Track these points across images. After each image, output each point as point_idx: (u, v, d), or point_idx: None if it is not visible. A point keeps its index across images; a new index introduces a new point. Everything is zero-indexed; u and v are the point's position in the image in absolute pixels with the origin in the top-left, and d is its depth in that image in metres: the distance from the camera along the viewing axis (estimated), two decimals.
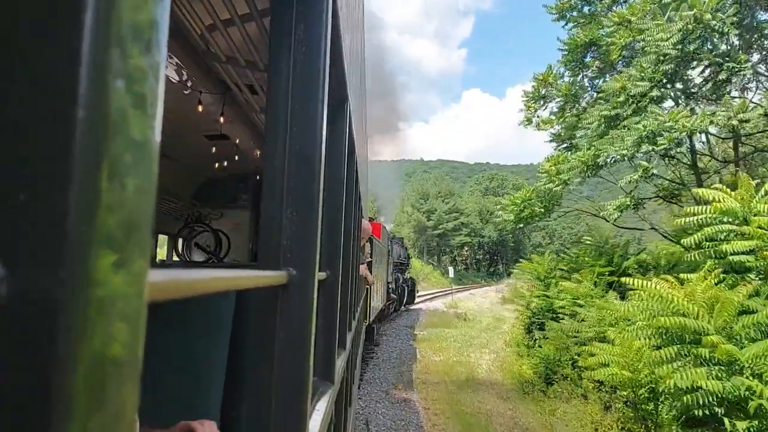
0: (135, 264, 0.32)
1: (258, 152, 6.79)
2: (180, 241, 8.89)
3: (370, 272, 11.68)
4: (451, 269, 38.75)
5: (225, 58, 4.03)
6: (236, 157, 6.92)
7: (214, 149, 6.52)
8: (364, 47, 3.54)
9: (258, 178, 8.11)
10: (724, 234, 8.92)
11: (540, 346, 14.88)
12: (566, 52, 17.54)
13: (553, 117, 18.18)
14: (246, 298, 1.14)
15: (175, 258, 8.95)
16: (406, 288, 27.76)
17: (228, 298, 1.74)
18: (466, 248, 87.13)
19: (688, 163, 15.63)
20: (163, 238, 9.85)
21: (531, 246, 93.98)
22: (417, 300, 35.07)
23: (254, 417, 1.13)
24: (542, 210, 17.13)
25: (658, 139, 11.83)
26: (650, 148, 12.04)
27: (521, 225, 18.35)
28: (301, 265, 1.15)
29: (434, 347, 19.19)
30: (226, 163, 7.31)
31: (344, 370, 2.73)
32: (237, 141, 6.26)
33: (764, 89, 14.26)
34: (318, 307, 1.80)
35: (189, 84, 4.64)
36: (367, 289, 11.65)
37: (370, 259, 9.16)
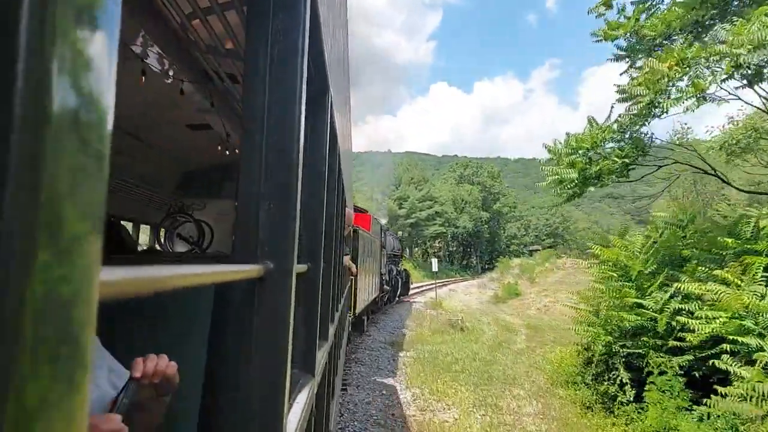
0: (84, 261, 0.31)
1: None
2: (162, 231, 8.81)
3: (356, 263, 11.69)
4: (435, 261, 33.61)
5: (206, 47, 3.98)
6: (219, 147, 6.86)
7: (196, 138, 6.45)
8: (347, 39, 3.51)
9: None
10: None
11: (639, 402, 9.25)
12: None
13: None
14: (224, 292, 1.13)
15: (158, 248, 8.87)
16: (400, 280, 27.78)
17: (206, 292, 1.73)
18: (439, 240, 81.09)
19: None
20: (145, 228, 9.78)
21: (506, 238, 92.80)
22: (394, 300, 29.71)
23: (231, 410, 1.12)
24: (623, 162, 11.12)
25: None
26: None
27: (581, 193, 12.06)
28: (278, 258, 1.14)
29: (434, 388, 11.25)
30: (209, 153, 7.24)
31: (326, 362, 2.73)
32: (220, 130, 6.20)
33: None
34: (298, 299, 1.79)
35: (171, 73, 4.58)
36: (354, 280, 11.65)
37: (348, 254, 9.15)
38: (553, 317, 25.56)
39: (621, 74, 12.08)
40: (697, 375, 8.73)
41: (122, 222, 7.54)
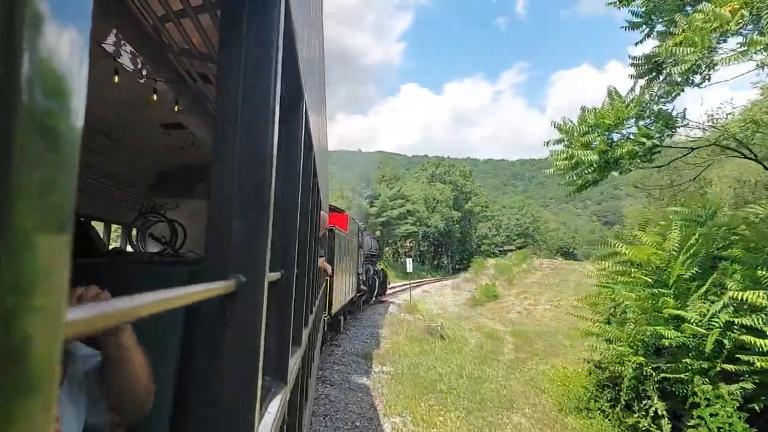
0: (49, 303, 0.30)
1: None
2: (134, 231, 8.68)
3: (332, 264, 11.65)
4: (409, 261, 32.03)
5: (179, 49, 3.93)
6: (192, 146, 6.78)
7: (169, 138, 6.37)
8: (323, 43, 3.50)
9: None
10: None
11: None
12: None
13: None
14: (195, 309, 1.12)
15: (129, 249, 8.73)
16: (377, 279, 27.61)
17: (177, 310, 1.70)
18: (410, 239, 77.67)
19: None
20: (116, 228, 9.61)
21: (477, 238, 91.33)
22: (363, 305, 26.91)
23: (201, 423, 1.11)
24: (652, 144, 9.38)
25: None
26: None
27: (600, 179, 10.62)
28: (250, 270, 1.13)
29: (418, 414, 9.46)
30: (181, 152, 7.16)
31: (299, 368, 2.72)
32: (193, 130, 6.13)
33: None
34: (271, 307, 1.78)
35: (144, 72, 4.52)
36: (330, 281, 11.62)
37: (323, 255, 9.08)
38: (536, 322, 25.13)
39: (636, 44, 10.53)
40: (757, 408, 7.13)
41: (93, 222, 7.40)
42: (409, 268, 31.81)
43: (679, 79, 8.57)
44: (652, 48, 9.85)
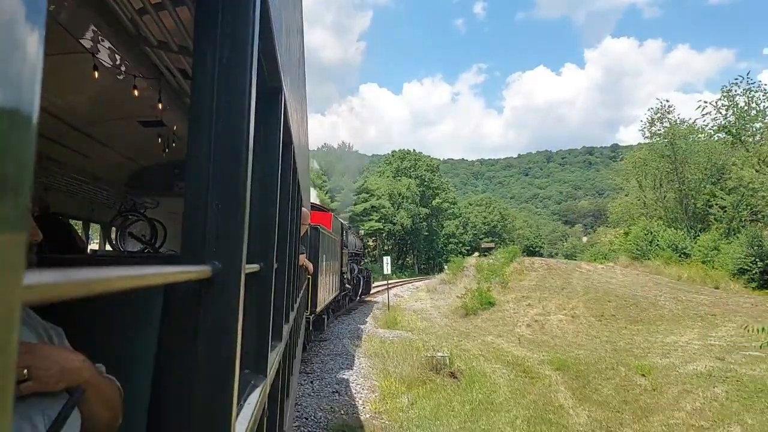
0: (5, 263, 0.30)
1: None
2: (113, 230, 8.58)
3: (315, 262, 11.63)
4: (387, 260, 27.07)
5: (157, 43, 3.90)
6: (173, 144, 6.73)
7: (149, 135, 6.31)
8: (303, 36, 3.49)
9: None
10: None
11: None
12: None
13: None
14: (172, 293, 1.12)
15: (108, 248, 8.63)
16: (362, 279, 27.60)
17: (155, 294, 1.70)
18: (374, 237, 70.94)
19: None
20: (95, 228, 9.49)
21: (444, 236, 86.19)
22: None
23: (178, 413, 1.11)
24: None
25: None
26: None
27: None
28: (226, 258, 1.14)
29: None
30: (161, 150, 7.10)
31: (280, 362, 2.72)
32: (173, 127, 6.09)
33: None
34: (250, 299, 1.78)
35: (123, 69, 4.47)
36: (312, 279, 11.60)
37: (304, 252, 9.04)
38: (560, 339, 19.67)
39: None
40: None
41: (72, 221, 7.30)
42: (387, 269, 27.47)
43: None
44: None
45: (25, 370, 1.12)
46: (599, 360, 15.34)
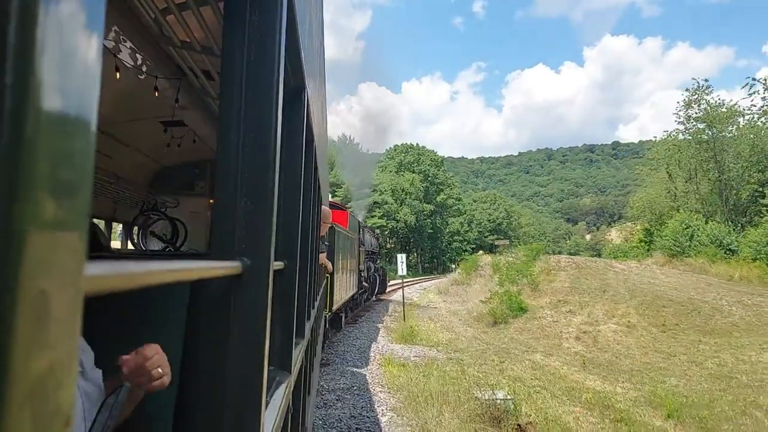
0: (70, 259, 0.31)
1: (216, 139, 6.69)
2: (135, 229, 8.69)
3: (333, 260, 11.66)
4: (401, 259, 22.29)
5: (180, 43, 3.94)
6: (193, 143, 6.79)
7: (170, 135, 6.38)
8: (323, 33, 3.50)
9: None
10: None
11: None
12: None
13: None
14: (200, 289, 1.13)
15: (131, 247, 8.75)
16: (378, 277, 27.66)
17: (181, 290, 1.71)
18: (376, 233, 62.83)
19: None
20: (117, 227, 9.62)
21: (449, 234, 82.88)
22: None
23: (208, 409, 1.12)
24: None
25: None
26: None
27: None
28: (255, 255, 1.15)
29: None
30: (182, 150, 7.17)
31: (303, 359, 2.73)
32: (194, 127, 6.14)
33: None
34: (275, 297, 1.79)
35: (144, 69, 4.52)
36: (330, 278, 11.63)
37: (324, 251, 9.03)
38: (623, 356, 16.44)
39: None
40: None
41: (95, 220, 7.41)
42: (402, 269, 22.36)
43: None
44: None
45: (159, 368, 1.34)
46: (710, 396, 11.72)
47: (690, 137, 39.87)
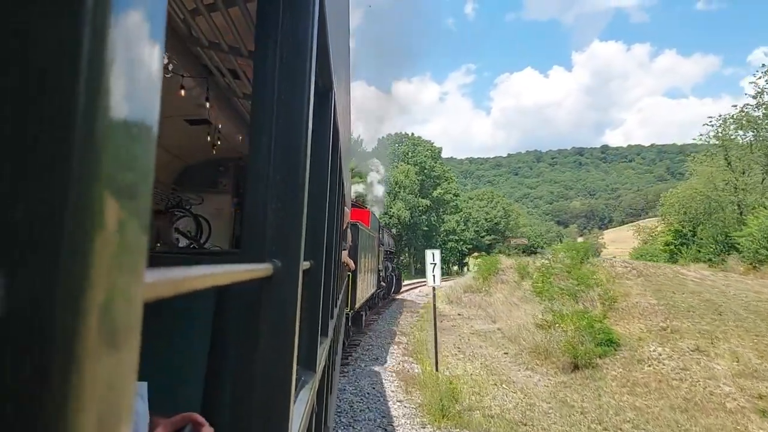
0: (132, 265, 0.31)
1: (240, 137, 6.74)
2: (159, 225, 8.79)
3: (356, 259, 11.69)
4: (432, 258, 13.15)
5: (208, 43, 3.97)
6: (218, 142, 6.85)
7: (195, 133, 6.44)
8: (348, 33, 3.51)
9: (240, 163, 8.10)
10: None
11: None
12: None
13: None
14: (230, 290, 1.14)
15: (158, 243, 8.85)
16: (394, 277, 28.06)
17: (207, 290, 1.73)
18: (393, 233, 57.48)
19: None
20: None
21: (444, 232, 76.94)
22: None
23: (237, 409, 1.13)
24: None
25: None
26: None
27: None
28: (285, 256, 1.15)
29: None
30: (206, 148, 7.23)
31: (326, 358, 2.74)
32: (219, 126, 6.19)
33: None
34: (302, 296, 1.80)
35: (170, 68, 4.57)
36: (353, 277, 11.65)
37: (345, 248, 9.05)
38: None
39: None
40: None
41: None
42: (435, 281, 13.21)
43: None
44: None
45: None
46: None
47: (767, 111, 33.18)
